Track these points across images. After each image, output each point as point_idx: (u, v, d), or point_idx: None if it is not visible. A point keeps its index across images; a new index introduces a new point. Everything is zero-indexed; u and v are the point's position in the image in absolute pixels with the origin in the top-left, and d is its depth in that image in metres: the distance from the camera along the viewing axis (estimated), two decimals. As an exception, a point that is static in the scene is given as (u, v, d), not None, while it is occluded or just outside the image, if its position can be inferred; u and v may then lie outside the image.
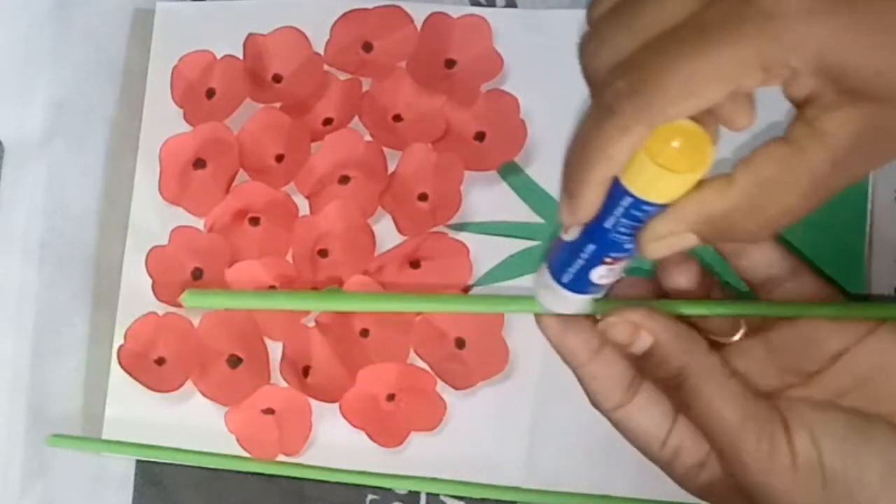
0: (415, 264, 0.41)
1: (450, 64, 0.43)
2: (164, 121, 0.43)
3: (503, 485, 0.40)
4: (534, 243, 0.41)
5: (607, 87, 0.26)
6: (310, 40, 0.43)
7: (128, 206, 0.43)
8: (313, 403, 0.41)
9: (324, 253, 0.42)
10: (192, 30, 0.44)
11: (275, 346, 0.41)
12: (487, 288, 0.41)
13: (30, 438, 0.43)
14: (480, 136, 0.42)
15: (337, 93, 0.43)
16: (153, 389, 0.41)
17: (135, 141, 0.44)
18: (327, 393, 0.40)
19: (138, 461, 0.42)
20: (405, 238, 0.41)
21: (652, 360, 0.32)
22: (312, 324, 0.41)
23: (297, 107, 0.43)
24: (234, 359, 0.42)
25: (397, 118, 0.42)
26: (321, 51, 0.43)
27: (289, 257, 0.42)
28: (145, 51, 0.44)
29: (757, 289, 0.35)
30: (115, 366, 0.42)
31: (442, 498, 0.41)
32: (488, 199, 0.42)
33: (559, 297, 0.32)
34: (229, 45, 0.43)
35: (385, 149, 0.42)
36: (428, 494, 0.41)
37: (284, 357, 0.41)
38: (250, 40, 0.43)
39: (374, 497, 0.41)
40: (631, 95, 0.25)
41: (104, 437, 0.42)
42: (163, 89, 0.43)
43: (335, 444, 0.41)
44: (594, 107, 0.27)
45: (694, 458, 0.33)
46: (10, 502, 0.42)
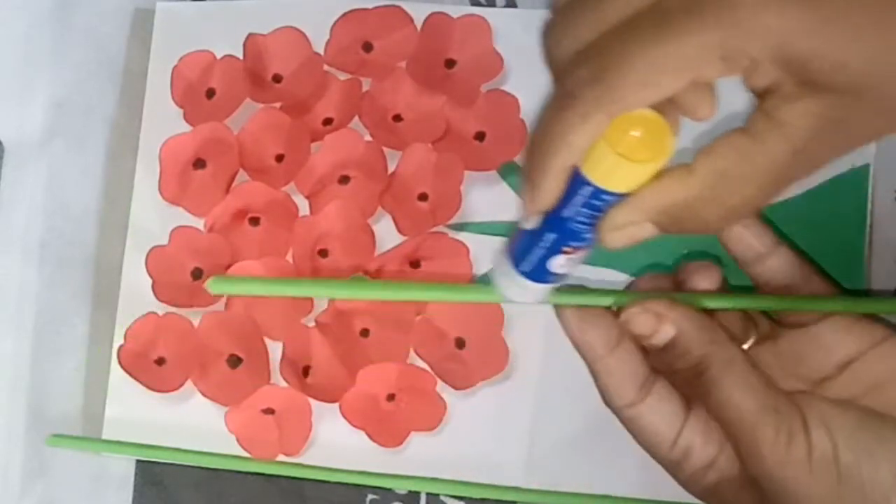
0: (415, 264, 0.41)
1: (450, 64, 0.43)
2: (164, 121, 0.43)
3: (503, 485, 0.40)
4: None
5: (569, 75, 0.26)
6: (310, 40, 0.43)
7: (128, 206, 0.43)
8: (313, 403, 0.41)
9: (324, 253, 0.42)
10: (192, 30, 0.44)
11: (275, 346, 0.41)
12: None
13: (30, 438, 0.43)
14: (480, 136, 0.42)
15: (337, 93, 0.43)
16: (153, 389, 0.41)
17: (135, 141, 0.44)
18: (327, 393, 0.40)
19: (138, 461, 0.42)
20: (405, 238, 0.41)
21: (673, 351, 0.32)
22: (312, 324, 0.41)
23: (297, 107, 0.43)
24: (234, 359, 0.42)
25: (397, 118, 0.42)
26: (321, 51, 0.43)
27: (289, 257, 0.42)
28: (145, 51, 0.44)
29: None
30: (115, 366, 0.42)
31: (442, 498, 0.41)
32: (488, 199, 0.42)
33: (518, 286, 0.31)
34: (229, 45, 0.43)
35: (385, 149, 0.42)
36: (428, 494, 0.41)
37: (284, 357, 0.41)
38: (250, 40, 0.43)
39: (374, 497, 0.41)
40: (591, 83, 0.25)
41: (104, 437, 0.42)
42: (163, 89, 0.43)
43: (335, 444, 0.41)
44: (555, 95, 0.26)
45: (702, 459, 0.33)
46: (10, 502, 0.42)
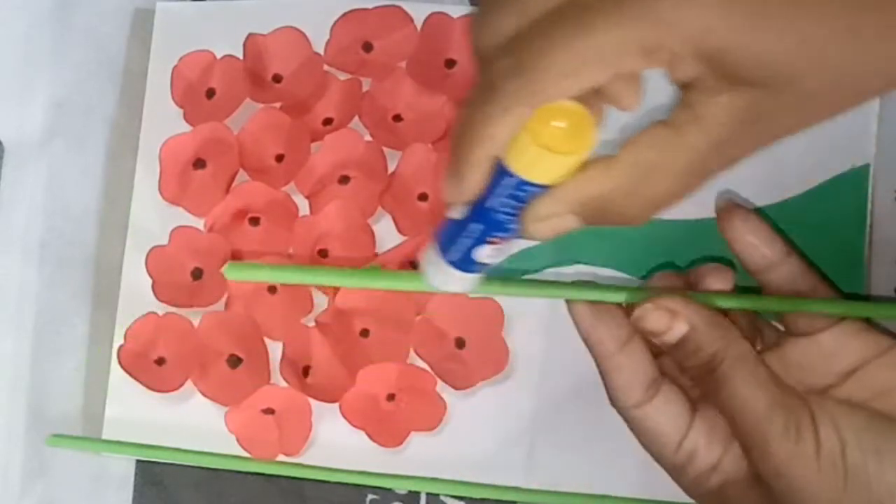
0: (415, 264, 0.41)
1: (450, 64, 0.43)
2: (164, 121, 0.43)
3: (503, 485, 0.40)
4: (534, 243, 0.41)
5: (491, 66, 0.26)
6: (310, 40, 0.43)
7: (128, 206, 0.43)
8: (313, 403, 0.41)
9: (324, 253, 0.42)
10: (192, 30, 0.44)
11: (275, 346, 0.41)
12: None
13: (30, 438, 0.43)
14: (480, 136, 0.42)
15: (337, 93, 0.43)
16: (153, 389, 0.41)
17: (135, 141, 0.44)
18: (327, 393, 0.40)
19: (138, 461, 0.42)
20: (405, 238, 0.41)
21: (684, 348, 0.32)
22: (312, 324, 0.41)
23: (297, 107, 0.43)
24: (234, 359, 0.42)
25: (397, 118, 0.42)
26: (321, 51, 0.43)
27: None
28: (145, 51, 0.44)
29: None
30: (115, 366, 0.42)
31: (442, 498, 0.41)
32: (488, 199, 0.42)
33: (445, 275, 0.31)
34: (229, 45, 0.43)
35: (385, 149, 0.42)
36: (428, 494, 0.41)
37: (284, 357, 0.41)
38: (250, 40, 0.43)
39: (374, 497, 0.41)
40: (513, 75, 0.25)
41: (104, 437, 0.42)
42: (163, 89, 0.43)
43: (335, 444, 0.41)
44: (478, 86, 0.26)
45: (706, 462, 0.33)
46: (10, 502, 0.42)
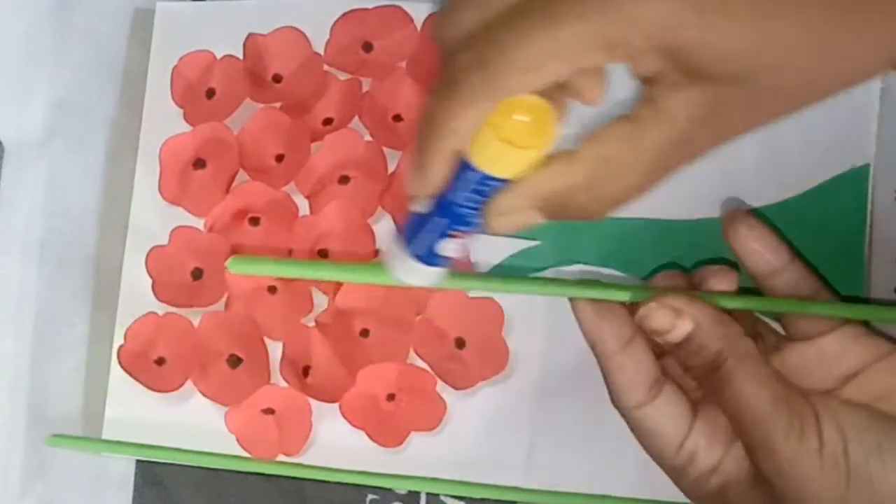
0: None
1: (450, 64, 0.43)
2: (164, 121, 0.43)
3: (503, 485, 0.40)
4: (534, 243, 0.41)
5: (454, 60, 0.26)
6: (310, 40, 0.43)
7: (128, 206, 0.43)
8: (313, 403, 0.41)
9: (324, 253, 0.42)
10: (192, 30, 0.44)
11: (275, 346, 0.41)
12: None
13: (30, 438, 0.43)
14: (480, 136, 0.42)
15: (337, 93, 0.43)
16: (153, 389, 0.41)
17: (135, 141, 0.44)
18: (327, 393, 0.40)
19: (138, 461, 0.42)
20: (405, 238, 0.41)
21: (688, 347, 0.32)
22: (312, 324, 0.41)
23: (297, 107, 0.43)
24: (234, 359, 0.42)
25: (397, 118, 0.42)
26: (321, 51, 0.43)
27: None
28: (145, 51, 0.44)
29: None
30: (115, 366, 0.42)
31: (442, 498, 0.41)
32: (488, 199, 0.42)
33: (409, 268, 0.31)
34: (229, 45, 0.43)
35: (385, 149, 0.42)
36: (428, 494, 0.41)
37: (284, 357, 0.41)
38: (250, 40, 0.43)
39: (374, 497, 0.41)
40: (475, 69, 0.25)
41: (104, 437, 0.42)
42: (163, 89, 0.43)
43: (335, 444, 0.41)
44: (441, 79, 0.26)
45: (707, 463, 0.33)
46: (10, 502, 0.42)
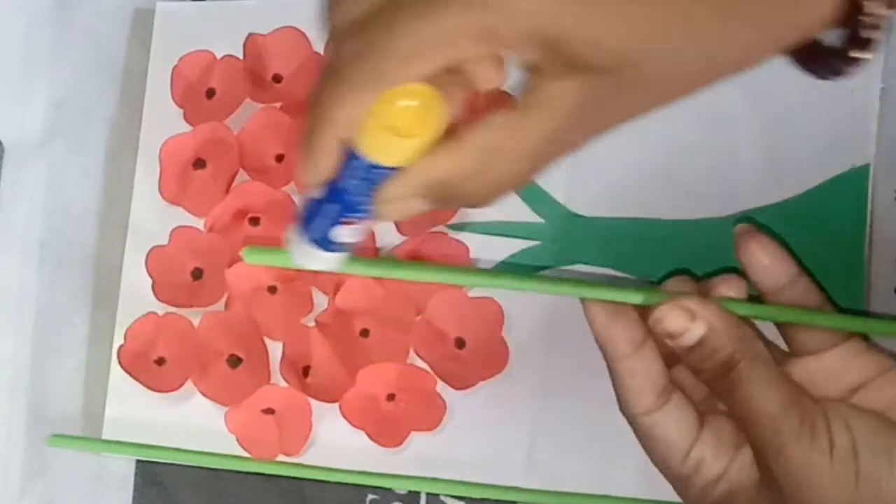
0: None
1: (450, 64, 0.43)
2: (164, 121, 0.43)
3: (503, 485, 0.40)
4: (534, 243, 0.41)
5: (339, 49, 0.26)
6: (310, 40, 0.43)
7: (128, 206, 0.43)
8: (313, 403, 0.41)
9: (324, 253, 0.42)
10: (192, 30, 0.44)
11: (275, 346, 0.41)
12: (488, 289, 0.41)
13: (30, 438, 0.43)
14: (480, 136, 0.42)
15: (337, 93, 0.43)
16: (153, 389, 0.41)
17: (135, 141, 0.44)
18: (327, 393, 0.40)
19: (138, 461, 0.42)
20: (405, 238, 0.41)
21: (702, 349, 0.32)
22: (312, 324, 0.41)
23: (297, 107, 0.42)
24: (234, 359, 0.42)
25: (397, 118, 0.42)
26: (321, 51, 0.43)
27: (289, 257, 0.42)
28: (145, 51, 0.44)
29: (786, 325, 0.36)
30: (115, 366, 0.42)
31: (442, 498, 0.41)
32: (488, 199, 0.41)
33: (308, 254, 0.31)
34: (229, 45, 0.43)
35: (385, 149, 0.42)
36: (428, 494, 0.41)
37: (284, 357, 0.41)
38: (250, 40, 0.43)
39: (374, 497, 0.41)
40: (358, 59, 0.25)
41: (104, 437, 0.42)
42: (163, 89, 0.43)
43: (335, 444, 0.41)
44: (327, 67, 0.26)
45: (712, 472, 0.33)
46: (10, 502, 0.42)
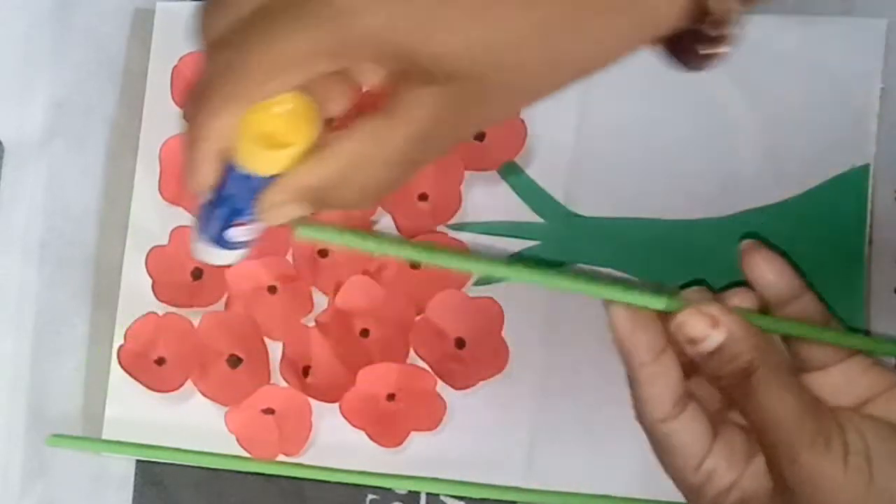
0: (415, 265, 0.41)
1: (450, 64, 0.43)
2: (164, 121, 0.43)
3: (503, 485, 0.40)
4: (534, 243, 0.41)
5: (210, 61, 0.26)
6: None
7: (128, 206, 0.43)
8: (313, 403, 0.41)
9: (324, 253, 0.42)
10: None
11: (275, 346, 0.41)
12: (487, 289, 0.41)
13: (30, 438, 0.43)
14: (480, 136, 0.42)
15: (337, 93, 0.43)
16: (153, 389, 0.41)
17: (135, 141, 0.44)
18: (327, 393, 0.40)
19: (138, 461, 0.42)
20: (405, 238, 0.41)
21: (721, 356, 0.32)
22: (312, 324, 0.41)
23: (297, 107, 0.42)
24: (234, 359, 0.42)
25: (397, 118, 0.42)
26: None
27: (289, 257, 0.42)
28: (145, 51, 0.44)
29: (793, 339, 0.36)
30: (115, 366, 0.42)
31: (442, 498, 0.41)
32: (488, 199, 0.41)
33: (207, 251, 0.32)
34: (229, 45, 0.43)
35: (385, 149, 0.42)
36: (428, 494, 0.41)
37: (284, 357, 0.41)
38: (250, 40, 0.43)
39: (374, 497, 0.41)
40: (223, 74, 0.26)
41: (104, 437, 0.42)
42: (163, 89, 0.43)
43: (335, 444, 0.41)
44: (199, 79, 0.27)
45: (725, 481, 0.33)
46: (10, 502, 0.42)
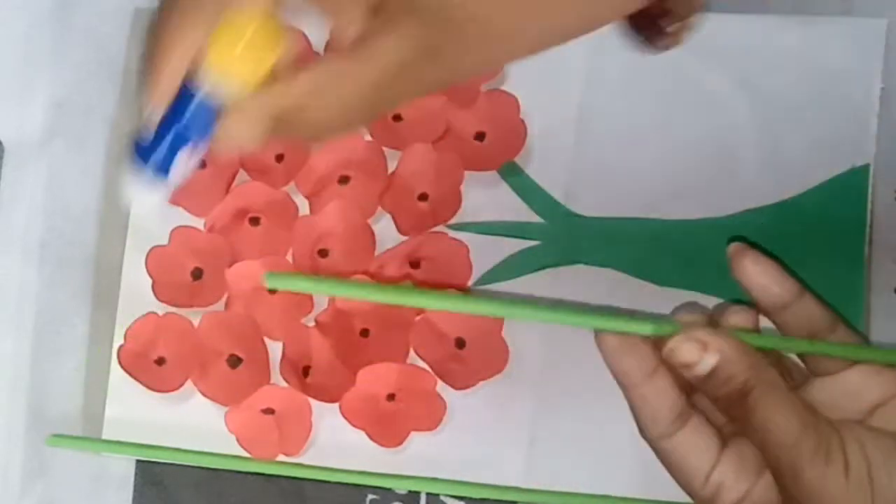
0: (415, 264, 0.41)
1: (450, 64, 0.43)
2: (164, 121, 0.43)
3: (503, 485, 0.40)
4: (534, 243, 0.41)
5: None
6: (310, 40, 0.43)
7: (128, 206, 0.43)
8: (313, 403, 0.41)
9: (324, 253, 0.42)
10: (192, 30, 0.44)
11: (275, 346, 0.41)
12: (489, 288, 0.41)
13: (30, 438, 0.43)
14: (480, 136, 0.42)
15: (337, 93, 0.43)
16: (153, 389, 0.41)
17: (135, 141, 0.44)
18: (327, 393, 0.40)
19: (138, 461, 0.42)
20: (405, 238, 0.41)
21: (715, 378, 0.32)
22: (312, 324, 0.41)
23: (297, 107, 0.43)
24: (234, 359, 0.42)
25: (397, 118, 0.42)
26: (321, 51, 0.43)
27: (289, 257, 0.42)
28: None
29: None
30: (115, 366, 0.42)
31: (442, 498, 0.41)
32: (488, 199, 0.41)
33: (142, 184, 0.31)
34: (229, 45, 0.43)
35: (385, 149, 0.42)
36: (428, 494, 0.41)
37: (284, 357, 0.41)
38: (250, 40, 0.43)
39: (374, 497, 0.41)
40: None
41: (104, 437, 0.42)
42: (163, 89, 0.43)
43: (335, 444, 0.41)
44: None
45: (734, 494, 0.33)
46: (10, 502, 0.42)
